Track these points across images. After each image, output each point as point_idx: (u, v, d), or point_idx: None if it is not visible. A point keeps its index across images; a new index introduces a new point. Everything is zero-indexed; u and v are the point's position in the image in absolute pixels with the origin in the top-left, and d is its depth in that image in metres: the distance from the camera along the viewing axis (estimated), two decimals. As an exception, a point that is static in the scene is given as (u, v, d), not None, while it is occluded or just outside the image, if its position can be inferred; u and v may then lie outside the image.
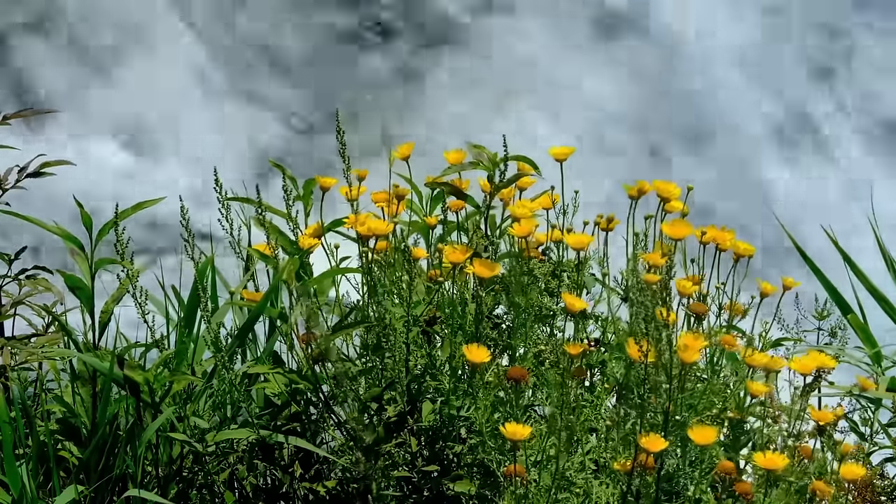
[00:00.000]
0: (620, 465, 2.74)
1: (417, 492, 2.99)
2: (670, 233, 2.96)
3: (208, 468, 3.01)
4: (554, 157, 3.19)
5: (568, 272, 3.12)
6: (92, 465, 2.93)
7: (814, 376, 2.85)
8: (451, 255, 2.92)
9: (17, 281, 3.12)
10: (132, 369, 2.93)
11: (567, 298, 2.88)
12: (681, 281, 2.87)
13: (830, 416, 2.81)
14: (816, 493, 2.77)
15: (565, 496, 2.76)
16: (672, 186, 3.10)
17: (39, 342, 3.07)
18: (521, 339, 3.02)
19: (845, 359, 3.49)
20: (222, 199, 3.06)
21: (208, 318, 2.98)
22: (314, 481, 3.09)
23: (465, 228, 3.22)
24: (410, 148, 3.28)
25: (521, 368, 2.76)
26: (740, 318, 3.08)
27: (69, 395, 3.02)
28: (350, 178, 3.11)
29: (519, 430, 2.63)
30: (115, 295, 3.01)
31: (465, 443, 3.00)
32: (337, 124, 3.07)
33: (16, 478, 2.82)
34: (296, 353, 3.04)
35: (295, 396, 3.08)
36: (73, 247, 3.03)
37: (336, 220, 3.16)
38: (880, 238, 3.92)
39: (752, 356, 2.87)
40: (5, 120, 3.14)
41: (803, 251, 3.87)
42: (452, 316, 2.97)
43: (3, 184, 3.12)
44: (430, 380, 3.00)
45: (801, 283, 3.09)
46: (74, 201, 3.02)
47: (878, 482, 3.21)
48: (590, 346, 3.01)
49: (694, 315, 2.87)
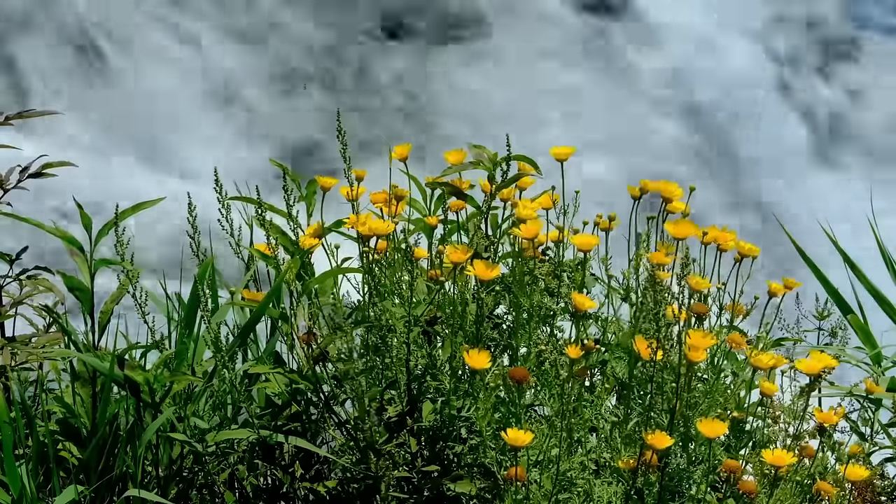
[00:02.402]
0: (624, 463, 2.74)
1: (418, 492, 2.99)
2: (674, 232, 2.96)
3: (208, 468, 3.00)
4: (554, 157, 3.19)
5: (568, 272, 3.12)
6: (92, 466, 2.93)
7: (814, 376, 2.86)
8: (452, 255, 2.92)
9: (17, 281, 3.11)
10: (132, 369, 2.92)
11: (576, 298, 2.88)
12: (694, 277, 2.88)
13: (835, 418, 2.82)
14: (821, 493, 2.77)
15: (566, 496, 2.76)
16: (674, 187, 3.11)
17: (40, 342, 3.07)
18: (522, 339, 3.02)
19: (845, 359, 3.50)
20: (222, 199, 3.06)
21: (208, 319, 2.97)
22: (315, 481, 3.09)
23: (466, 229, 3.22)
24: (408, 149, 3.28)
25: (522, 369, 2.76)
26: (741, 318, 3.08)
27: (69, 395, 3.01)
28: (351, 178, 3.11)
29: (520, 435, 2.63)
30: (115, 295, 3.01)
31: (465, 443, 3.00)
32: (337, 124, 3.07)
33: (16, 478, 2.81)
34: (297, 353, 3.04)
35: (295, 396, 3.08)
36: (72, 248, 3.02)
37: (338, 221, 3.16)
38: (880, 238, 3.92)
39: (757, 356, 2.88)
40: (7, 121, 3.13)
41: (803, 251, 3.88)
42: (453, 316, 2.97)
43: (4, 184, 3.11)
44: (430, 380, 3.00)
45: (801, 284, 3.09)
46: (74, 202, 3.01)
47: (878, 482, 3.21)
48: (593, 345, 3.01)
49: (695, 315, 2.87)
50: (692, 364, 2.73)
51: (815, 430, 2.90)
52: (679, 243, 2.97)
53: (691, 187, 3.19)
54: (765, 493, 2.75)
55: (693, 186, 3.20)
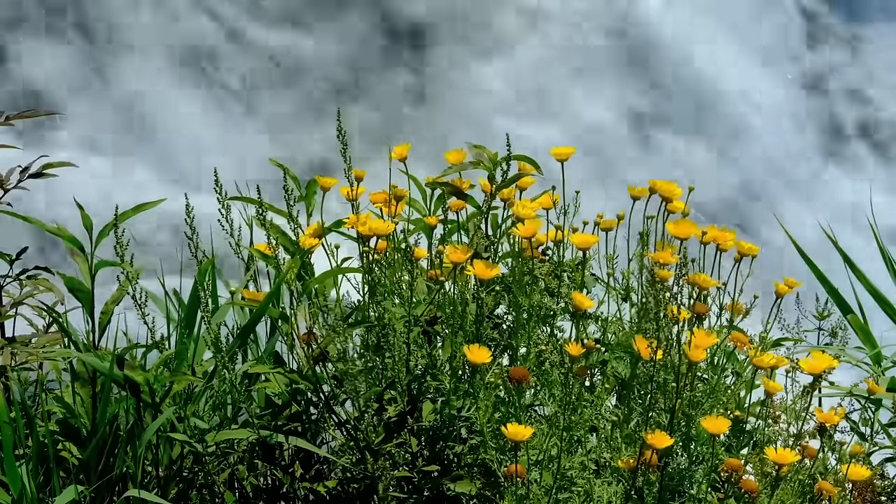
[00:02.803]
0: (624, 462, 2.74)
1: (418, 492, 2.99)
2: (675, 232, 2.96)
3: (208, 468, 3.00)
4: (555, 157, 3.19)
5: (568, 272, 3.12)
6: (92, 466, 2.92)
7: (814, 376, 2.86)
8: (452, 255, 2.92)
9: (17, 281, 3.11)
10: (132, 369, 2.92)
11: (576, 297, 2.88)
12: (701, 275, 2.88)
13: (836, 418, 2.82)
14: (822, 492, 2.77)
15: (566, 496, 2.76)
16: (674, 186, 3.10)
17: (40, 342, 3.07)
18: (522, 339, 3.02)
19: (846, 359, 3.50)
20: (222, 199, 3.05)
21: (209, 319, 2.97)
22: (315, 481, 3.09)
23: (466, 229, 3.22)
24: (407, 149, 3.28)
25: (522, 369, 2.77)
26: (741, 317, 3.08)
27: (69, 395, 3.01)
28: (351, 177, 3.11)
29: (521, 430, 2.63)
30: (115, 296, 3.00)
31: (465, 443, 3.00)
32: (338, 124, 3.07)
33: (16, 478, 2.81)
34: (297, 353, 3.04)
35: (295, 396, 3.08)
36: (73, 248, 3.02)
37: (338, 221, 3.16)
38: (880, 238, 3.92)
39: (759, 356, 2.88)
40: (7, 120, 3.13)
41: (803, 251, 3.88)
42: (453, 316, 2.97)
43: (4, 184, 3.11)
44: (430, 380, 3.00)
45: (802, 284, 3.09)
46: (75, 202, 3.01)
47: (879, 482, 3.21)
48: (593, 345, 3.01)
49: (694, 315, 2.87)
50: (693, 363, 2.73)
51: (815, 430, 2.90)
52: (681, 243, 2.97)
53: (690, 187, 3.19)
54: (766, 492, 2.75)
55: (692, 186, 3.20)
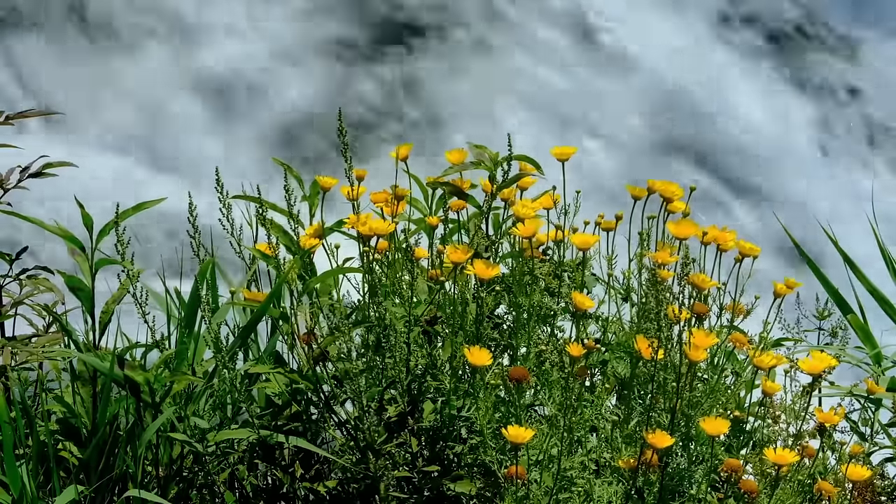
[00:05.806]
0: (625, 462, 2.74)
1: (418, 492, 2.99)
2: (676, 232, 2.96)
3: (208, 468, 3.00)
4: (556, 157, 3.19)
5: (569, 272, 3.12)
6: (92, 465, 2.92)
7: (814, 376, 2.86)
8: (452, 255, 2.92)
9: (17, 281, 3.11)
10: (132, 369, 2.92)
11: (576, 297, 2.88)
12: (700, 275, 2.88)
13: (836, 418, 2.82)
14: (822, 492, 2.77)
15: (566, 496, 2.76)
16: (675, 187, 3.11)
17: (40, 342, 3.06)
18: (522, 338, 3.02)
19: (846, 359, 3.50)
20: (223, 198, 3.05)
21: (209, 318, 2.97)
22: (315, 481, 3.09)
23: (467, 228, 3.22)
24: (409, 149, 3.28)
25: (522, 369, 2.77)
26: (742, 318, 3.08)
27: (69, 395, 3.01)
28: (351, 177, 3.11)
29: (521, 432, 2.63)
30: (116, 295, 3.00)
31: (465, 443, 3.00)
32: (339, 123, 3.07)
33: (16, 478, 2.81)
34: (297, 353, 3.04)
35: (296, 396, 3.08)
36: (73, 247, 3.02)
37: (339, 220, 3.16)
38: (880, 238, 3.92)
39: (759, 357, 2.88)
40: (8, 120, 3.13)
41: (803, 251, 3.88)
42: (453, 316, 2.97)
43: (4, 184, 3.11)
44: (430, 380, 3.00)
45: (802, 284, 3.09)
46: (75, 201, 3.01)
47: (879, 482, 3.22)
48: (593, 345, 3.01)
49: (695, 315, 2.87)
50: (693, 363, 2.73)
51: (815, 430, 2.90)
52: (680, 243, 2.97)
53: (692, 187, 3.19)
54: (765, 492, 2.75)
55: (693, 186, 3.20)
